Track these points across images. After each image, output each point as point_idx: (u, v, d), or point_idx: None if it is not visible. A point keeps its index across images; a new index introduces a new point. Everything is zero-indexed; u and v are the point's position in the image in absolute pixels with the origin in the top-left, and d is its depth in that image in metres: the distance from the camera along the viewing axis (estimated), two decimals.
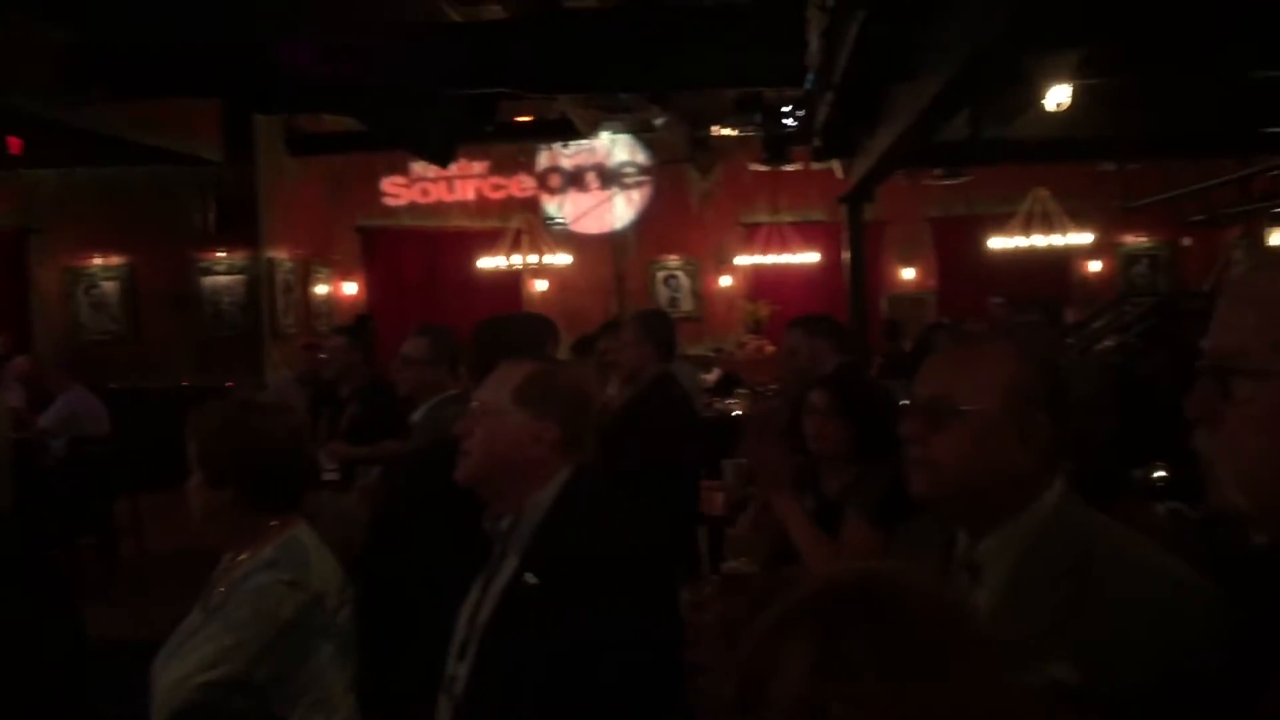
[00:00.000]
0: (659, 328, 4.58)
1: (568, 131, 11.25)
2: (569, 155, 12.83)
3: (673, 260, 14.42)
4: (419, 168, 12.86)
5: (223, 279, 10.72)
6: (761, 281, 14.11)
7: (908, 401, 1.87)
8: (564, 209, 13.07)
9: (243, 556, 2.20)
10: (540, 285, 14.06)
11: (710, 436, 5.05)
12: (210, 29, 6.44)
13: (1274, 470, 1.15)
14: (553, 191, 13.03)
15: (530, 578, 2.05)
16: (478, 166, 13.05)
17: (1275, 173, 7.80)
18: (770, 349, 12.07)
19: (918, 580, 0.94)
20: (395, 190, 13.13)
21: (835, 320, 4.63)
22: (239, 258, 10.69)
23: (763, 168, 10.78)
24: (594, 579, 2.01)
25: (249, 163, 10.40)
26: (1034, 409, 1.74)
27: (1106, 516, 1.80)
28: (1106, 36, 4.25)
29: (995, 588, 1.74)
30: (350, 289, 13.43)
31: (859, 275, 7.77)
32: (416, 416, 3.89)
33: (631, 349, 4.47)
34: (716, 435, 5.75)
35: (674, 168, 13.18)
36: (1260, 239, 10.93)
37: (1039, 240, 12.92)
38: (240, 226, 10.40)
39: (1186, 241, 13.44)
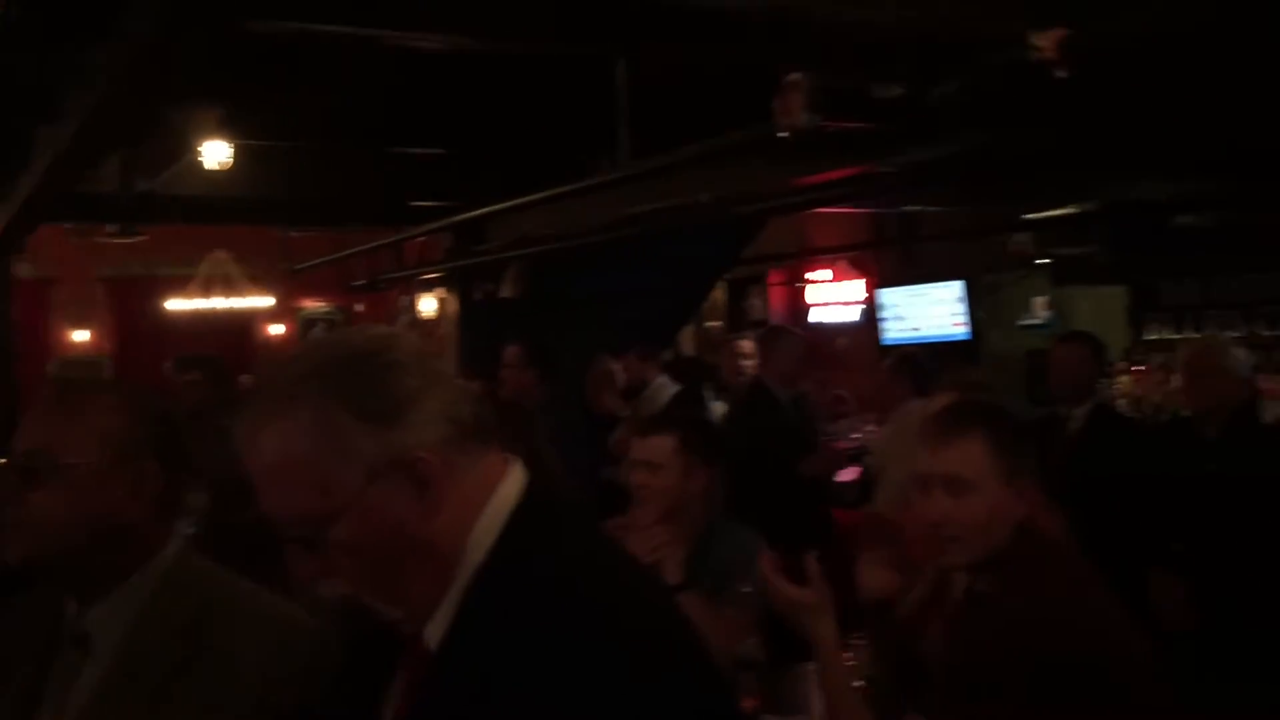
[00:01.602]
0: None
1: None
2: None
3: None
4: None
5: None
6: None
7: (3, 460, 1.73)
8: None
9: None
10: None
11: None
12: None
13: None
14: None
15: None
16: None
17: (422, 240, 8.65)
18: None
19: None
20: None
21: None
22: None
23: None
24: None
25: None
26: (142, 460, 1.70)
27: (232, 570, 1.79)
28: (240, 100, 4.36)
29: (106, 658, 1.64)
30: None
31: (6, 337, 7.00)
32: None
33: None
34: None
35: None
36: (414, 303, 12.08)
37: (220, 303, 12.88)
38: None
39: (360, 306, 14.35)
